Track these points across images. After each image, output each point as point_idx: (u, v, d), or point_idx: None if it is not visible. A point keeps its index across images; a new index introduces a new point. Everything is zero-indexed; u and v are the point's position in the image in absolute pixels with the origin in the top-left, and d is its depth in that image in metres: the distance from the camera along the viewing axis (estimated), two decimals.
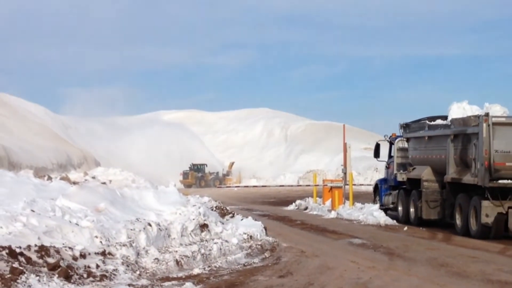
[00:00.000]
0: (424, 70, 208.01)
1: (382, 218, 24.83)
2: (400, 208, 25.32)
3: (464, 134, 20.61)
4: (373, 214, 25.46)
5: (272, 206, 38.12)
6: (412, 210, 24.15)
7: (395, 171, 26.06)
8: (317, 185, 35.73)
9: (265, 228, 18.88)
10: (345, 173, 30.68)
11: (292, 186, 69.54)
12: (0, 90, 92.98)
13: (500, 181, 19.15)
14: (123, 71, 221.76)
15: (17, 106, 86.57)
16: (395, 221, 24.56)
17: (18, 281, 10.12)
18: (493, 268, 14.35)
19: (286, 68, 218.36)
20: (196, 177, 76.00)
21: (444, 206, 22.45)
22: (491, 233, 19.53)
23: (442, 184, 22.47)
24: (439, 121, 23.52)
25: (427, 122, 24.06)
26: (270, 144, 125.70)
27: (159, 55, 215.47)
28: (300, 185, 69.35)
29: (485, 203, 19.35)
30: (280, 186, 69.90)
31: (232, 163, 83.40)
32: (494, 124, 19.11)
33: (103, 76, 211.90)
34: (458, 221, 21.06)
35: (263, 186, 70.75)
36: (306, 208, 32.90)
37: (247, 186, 70.20)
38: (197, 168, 77.89)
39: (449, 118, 22.15)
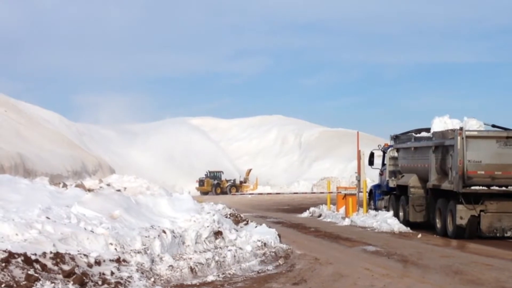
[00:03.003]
0: (438, 77, 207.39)
1: (396, 225, 24.84)
2: (391, 212, 27.10)
3: (443, 145, 22.83)
4: (387, 221, 25.42)
5: (286, 213, 38.11)
6: (401, 213, 26.26)
7: (387, 178, 28.37)
8: (331, 192, 35.72)
9: (279, 235, 18.89)
10: (359, 180, 30.71)
11: (306, 193, 69.44)
12: (15, 97, 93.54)
13: (472, 188, 21.59)
14: (137, 78, 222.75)
15: (32, 114, 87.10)
16: (409, 228, 24.57)
17: None
18: (507, 275, 14.29)
19: (300, 75, 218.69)
20: (212, 184, 75.88)
21: (428, 210, 24.60)
22: (465, 234, 21.74)
23: (426, 190, 24.66)
24: (423, 134, 25.93)
25: (414, 134, 26.51)
26: (283, 151, 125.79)
27: (173, 62, 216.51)
28: (314, 192, 69.25)
29: (459, 207, 21.65)
30: (294, 193, 69.81)
31: (250, 170, 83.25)
32: (468, 137, 21.43)
33: (117, 83, 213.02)
34: (438, 223, 23.27)
35: (277, 193, 70.67)
36: (320, 215, 32.87)
37: (261, 194, 70.16)
38: (214, 176, 77.80)
39: (431, 131, 24.47)
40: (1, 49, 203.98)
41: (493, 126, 23.34)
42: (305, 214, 34.76)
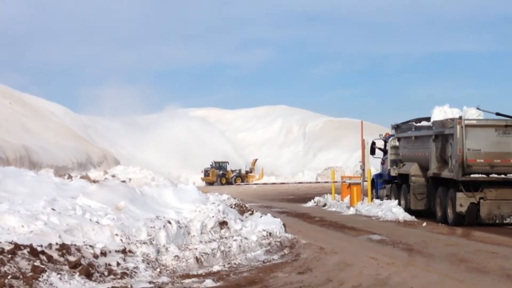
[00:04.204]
0: (441, 67, 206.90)
1: (401, 214, 24.85)
2: (396, 201, 27.27)
3: (443, 134, 23.20)
4: (392, 210, 25.44)
5: (291, 203, 38.14)
6: (402, 201, 26.57)
7: (388, 167, 28.71)
8: (336, 182, 35.70)
9: (284, 225, 18.91)
10: (363, 170, 30.70)
11: (310, 183, 69.35)
12: (21, 90, 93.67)
13: (472, 176, 21.89)
14: (142, 70, 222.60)
15: (37, 106, 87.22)
16: (413, 217, 24.60)
17: (39, 279, 10.24)
18: None
19: (304, 66, 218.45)
20: (218, 174, 75.77)
21: (429, 198, 24.93)
22: (465, 221, 22.09)
23: (427, 178, 24.97)
24: (424, 123, 26.53)
25: (414, 123, 27.02)
26: (288, 141, 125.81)
27: (178, 54, 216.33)
28: (319, 182, 69.17)
29: (459, 194, 21.99)
30: (299, 183, 69.73)
31: (255, 160, 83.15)
32: (467, 126, 21.78)
33: (122, 75, 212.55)
34: (438, 210, 23.66)
35: (281, 183, 70.59)
36: (324, 205, 32.88)
37: (266, 184, 70.11)
38: (219, 166, 77.70)
39: (432, 120, 24.95)
40: (6, 42, 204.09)
41: (497, 114, 23.43)
42: (310, 203, 34.77)
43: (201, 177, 75.64)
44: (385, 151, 30.21)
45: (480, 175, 21.93)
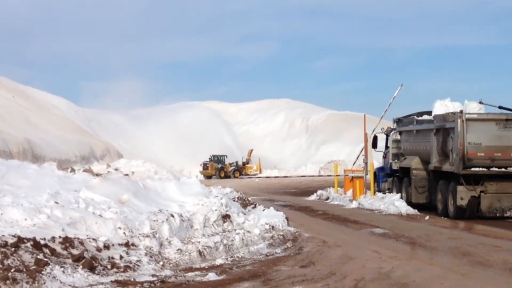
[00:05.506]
0: (444, 60, 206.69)
1: (403, 207, 24.86)
2: (398, 194, 27.47)
3: (444, 128, 23.35)
4: (395, 203, 25.45)
5: (294, 196, 38.12)
6: (404, 195, 26.82)
7: (390, 161, 28.93)
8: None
9: (287, 218, 18.90)
10: (366, 163, 30.70)
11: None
12: (24, 83, 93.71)
13: (472, 169, 22.00)
14: (145, 63, 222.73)
15: (40, 100, 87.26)
16: (416, 210, 24.60)
17: (43, 272, 10.25)
18: None
19: (307, 59, 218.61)
20: (216, 168, 75.76)
21: (430, 191, 25.14)
22: (465, 214, 22.25)
23: (428, 172, 25.13)
24: (425, 117, 26.61)
25: (416, 117, 27.19)
26: (291, 134, 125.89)
27: (181, 47, 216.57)
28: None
29: (460, 188, 22.15)
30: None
31: (251, 151, 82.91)
32: (468, 120, 21.88)
33: (125, 69, 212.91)
34: (439, 204, 23.79)
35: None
36: (327, 198, 32.88)
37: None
38: (218, 159, 77.69)
39: (433, 114, 25.18)
40: (9, 35, 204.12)
41: (500, 107, 23.50)
42: (313, 197, 34.77)
43: (199, 171, 75.59)
44: (387, 145, 30.27)
45: (480, 169, 22.02)
